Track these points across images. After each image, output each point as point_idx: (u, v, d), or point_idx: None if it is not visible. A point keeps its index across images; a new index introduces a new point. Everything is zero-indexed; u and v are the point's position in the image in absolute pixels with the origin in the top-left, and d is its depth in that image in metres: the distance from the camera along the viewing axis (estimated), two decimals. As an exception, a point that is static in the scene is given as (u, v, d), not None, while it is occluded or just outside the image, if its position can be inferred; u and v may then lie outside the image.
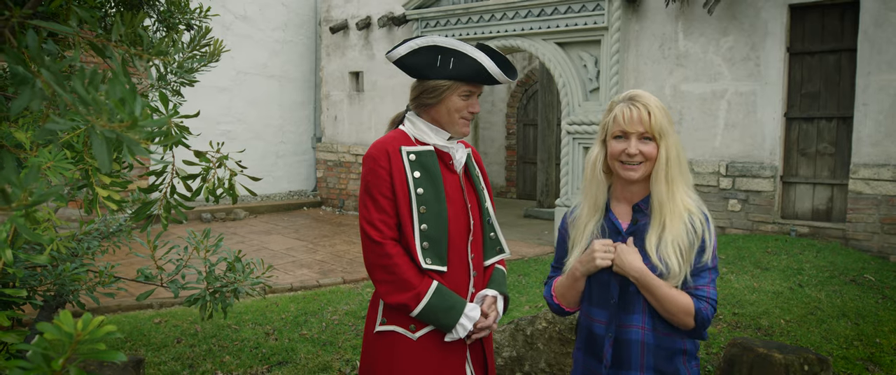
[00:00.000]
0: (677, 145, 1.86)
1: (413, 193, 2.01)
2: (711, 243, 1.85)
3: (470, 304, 2.06)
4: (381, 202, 2.00)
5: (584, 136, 7.73)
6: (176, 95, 2.18)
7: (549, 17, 7.84)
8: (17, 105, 0.82)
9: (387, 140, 2.08)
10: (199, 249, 2.03)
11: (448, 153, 2.12)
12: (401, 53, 2.04)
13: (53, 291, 2.07)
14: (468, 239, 2.13)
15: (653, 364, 1.86)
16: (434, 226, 2.01)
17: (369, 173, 2.04)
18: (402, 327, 2.03)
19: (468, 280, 2.13)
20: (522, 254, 7.44)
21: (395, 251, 1.99)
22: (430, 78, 2.04)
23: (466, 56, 2.00)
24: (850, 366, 3.59)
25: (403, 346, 2.02)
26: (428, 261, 2.00)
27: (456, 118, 2.07)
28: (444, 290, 2.01)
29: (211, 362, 4.06)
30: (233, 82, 10.90)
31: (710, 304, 1.83)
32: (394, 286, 1.97)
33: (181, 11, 2.45)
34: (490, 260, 2.23)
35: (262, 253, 7.56)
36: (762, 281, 4.90)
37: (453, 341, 2.06)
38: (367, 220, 2.01)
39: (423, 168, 2.04)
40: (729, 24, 6.84)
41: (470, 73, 2.01)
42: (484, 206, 2.21)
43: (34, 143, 1.23)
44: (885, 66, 6.01)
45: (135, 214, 1.43)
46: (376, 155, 2.04)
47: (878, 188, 6.06)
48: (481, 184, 2.25)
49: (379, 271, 2.00)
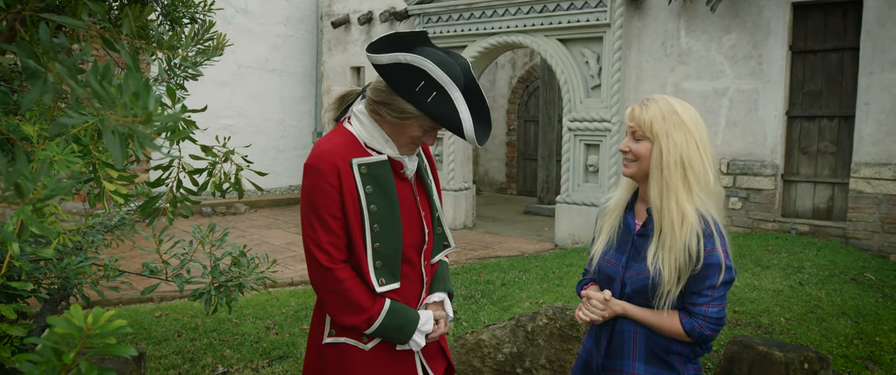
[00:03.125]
0: (681, 150, 1.81)
1: (365, 211, 1.84)
2: (718, 263, 1.78)
3: (423, 316, 1.97)
4: (329, 223, 1.82)
5: (585, 133, 7.73)
6: (180, 89, 2.18)
7: (552, 14, 7.83)
8: (28, 99, 0.82)
9: (334, 148, 1.86)
10: (205, 243, 2.03)
11: (400, 162, 1.94)
12: (383, 62, 1.80)
13: (58, 284, 2.07)
14: (422, 250, 2.02)
15: (645, 355, 1.90)
16: (387, 244, 1.88)
17: (314, 189, 1.83)
18: (353, 339, 1.93)
19: (421, 289, 2.05)
20: (522, 251, 7.45)
21: (345, 275, 1.85)
22: (402, 97, 1.81)
23: (449, 100, 1.78)
24: (849, 364, 3.60)
25: (355, 356, 1.93)
26: (382, 281, 1.89)
27: (407, 143, 1.90)
28: (397, 308, 1.91)
29: (211, 356, 4.06)
30: (234, 76, 10.89)
31: (707, 322, 1.80)
32: (344, 309, 1.86)
33: (185, 5, 2.45)
34: (437, 257, 2.12)
35: (263, 248, 7.56)
36: (763, 279, 4.91)
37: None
38: (314, 242, 1.84)
39: (375, 181, 1.87)
40: (731, 21, 6.83)
41: (444, 118, 1.79)
42: (434, 206, 2.08)
43: (41, 137, 1.23)
44: (887, 66, 6.00)
45: (141, 208, 1.43)
46: (323, 168, 1.82)
47: (879, 187, 6.06)
48: (430, 180, 2.10)
49: (328, 294, 1.87)
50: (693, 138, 1.82)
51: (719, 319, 1.82)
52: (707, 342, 1.86)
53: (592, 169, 7.72)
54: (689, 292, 1.82)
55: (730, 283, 1.82)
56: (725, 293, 1.82)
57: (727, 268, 1.78)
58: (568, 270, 5.95)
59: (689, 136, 1.82)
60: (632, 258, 1.91)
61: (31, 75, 0.84)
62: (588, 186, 7.76)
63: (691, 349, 1.89)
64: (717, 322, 1.82)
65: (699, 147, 1.82)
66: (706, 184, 1.82)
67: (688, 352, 1.89)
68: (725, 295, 1.82)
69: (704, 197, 1.82)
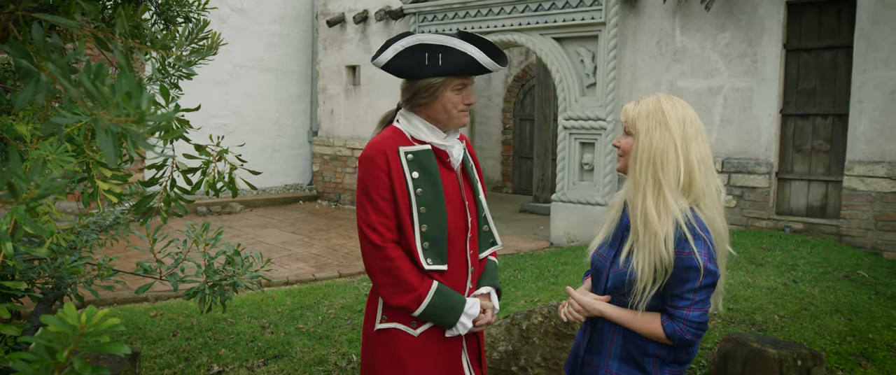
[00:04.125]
0: (655, 149, 1.79)
1: (413, 194, 1.99)
2: (696, 266, 1.73)
3: (469, 301, 2.08)
4: (380, 204, 1.98)
5: (580, 132, 7.74)
6: (174, 88, 2.18)
7: (547, 12, 7.84)
8: (21, 98, 0.82)
9: (383, 140, 2.05)
10: (199, 242, 2.03)
11: (445, 151, 2.10)
12: (387, 58, 2.00)
13: (52, 284, 2.07)
14: (466, 236, 2.14)
15: (620, 354, 1.90)
16: (434, 226, 2.01)
17: (367, 175, 2.01)
18: (403, 324, 2.04)
19: (467, 276, 2.15)
20: (518, 249, 7.46)
21: (396, 254, 1.98)
22: (420, 77, 2.00)
23: (455, 50, 1.96)
24: (843, 361, 3.62)
25: (405, 342, 2.03)
26: (429, 262, 2.00)
27: (454, 112, 2.04)
28: (445, 290, 2.02)
29: (207, 355, 4.06)
30: (229, 75, 10.87)
31: (688, 326, 1.76)
32: (395, 288, 1.98)
33: (180, 4, 2.44)
34: (484, 253, 2.25)
35: (258, 247, 7.55)
36: (756, 277, 4.93)
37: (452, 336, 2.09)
38: (366, 223, 1.99)
39: (421, 168, 2.02)
40: (726, 20, 6.85)
41: (461, 67, 1.98)
42: (479, 201, 2.21)
43: (34, 136, 1.23)
44: (880, 64, 6.03)
45: (135, 207, 1.43)
46: (374, 156, 2.01)
47: (873, 185, 6.09)
48: (476, 178, 2.24)
49: (380, 274, 2.00)
50: (673, 138, 1.78)
51: (701, 323, 1.77)
52: (689, 346, 1.82)
53: (588, 167, 7.73)
54: (670, 295, 1.78)
55: (711, 286, 1.77)
56: (707, 296, 1.78)
57: (708, 271, 1.73)
58: (563, 269, 5.96)
59: (668, 136, 1.79)
60: (618, 254, 1.92)
61: (25, 75, 0.84)
62: (583, 185, 7.78)
63: (669, 351, 1.85)
64: (699, 326, 1.77)
65: (678, 147, 1.78)
66: (681, 186, 1.78)
67: (665, 355, 1.85)
68: (707, 298, 1.78)
69: (676, 199, 1.77)
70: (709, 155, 1.86)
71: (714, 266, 1.76)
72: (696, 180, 1.80)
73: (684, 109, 1.84)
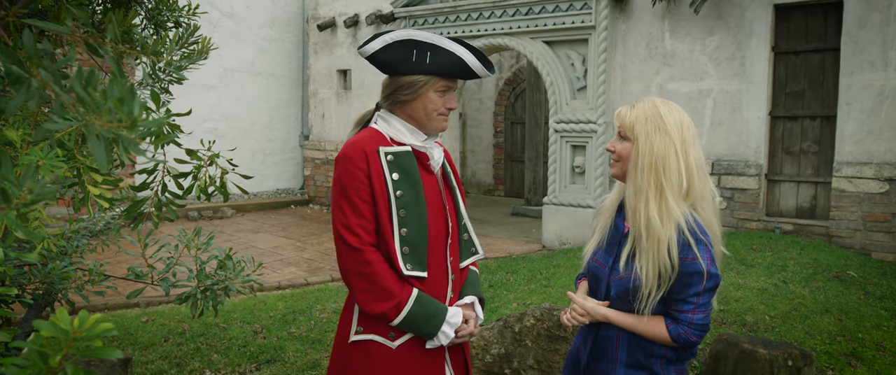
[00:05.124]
0: (657, 154, 1.79)
1: (393, 196, 1.91)
2: (700, 270, 1.75)
3: (451, 309, 1.99)
4: (359, 206, 1.89)
5: (571, 135, 7.77)
6: (164, 93, 2.18)
7: (537, 16, 7.87)
8: (12, 104, 0.82)
9: (362, 139, 1.96)
10: (190, 247, 2.03)
11: (425, 153, 2.02)
12: (374, 48, 1.92)
13: (42, 289, 2.06)
14: (447, 242, 2.06)
15: (626, 359, 1.90)
16: (414, 231, 1.92)
17: (345, 174, 1.92)
18: (380, 335, 1.93)
19: (447, 284, 2.06)
20: (510, 252, 7.47)
21: (374, 258, 1.89)
22: (405, 73, 1.93)
23: (444, 50, 1.90)
24: (833, 361, 3.65)
25: (382, 355, 1.92)
26: (408, 267, 1.91)
27: (434, 115, 1.97)
28: (425, 298, 1.93)
29: (199, 361, 4.05)
30: (220, 80, 10.84)
31: (693, 329, 1.79)
32: (373, 295, 1.88)
33: (170, 9, 2.44)
34: (465, 261, 2.16)
35: (250, 252, 7.53)
36: (747, 278, 4.96)
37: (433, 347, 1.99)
38: (343, 225, 1.90)
39: (402, 169, 1.94)
40: (715, 23, 6.90)
41: (448, 68, 1.91)
42: (459, 207, 2.14)
43: (26, 142, 1.23)
44: (867, 66, 6.09)
45: (126, 212, 1.43)
46: (352, 155, 1.92)
47: (861, 186, 6.14)
48: (455, 184, 2.17)
49: (357, 279, 1.89)
50: (672, 143, 1.80)
51: (704, 325, 1.81)
52: (693, 347, 1.86)
53: (579, 170, 7.76)
54: (674, 299, 1.80)
55: (714, 289, 1.80)
56: (710, 299, 1.80)
57: (711, 275, 1.75)
58: (555, 271, 5.98)
59: (668, 141, 1.80)
60: (618, 260, 1.91)
61: (15, 80, 0.84)
62: (575, 187, 7.80)
63: (674, 352, 1.88)
64: (703, 328, 1.81)
65: (678, 152, 1.79)
66: (683, 190, 1.79)
67: (671, 355, 1.88)
68: (710, 301, 1.80)
69: (678, 203, 1.78)
70: (703, 158, 1.87)
71: (716, 269, 1.79)
72: (695, 184, 1.81)
73: (680, 113, 1.85)
